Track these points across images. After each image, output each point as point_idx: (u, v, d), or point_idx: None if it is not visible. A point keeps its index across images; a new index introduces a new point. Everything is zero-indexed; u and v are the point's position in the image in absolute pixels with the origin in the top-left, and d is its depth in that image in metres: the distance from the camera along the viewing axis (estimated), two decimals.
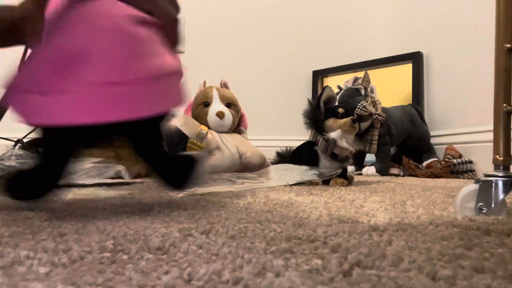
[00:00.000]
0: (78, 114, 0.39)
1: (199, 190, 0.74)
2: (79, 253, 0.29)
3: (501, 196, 0.47)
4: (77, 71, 0.40)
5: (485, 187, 0.48)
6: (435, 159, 1.69)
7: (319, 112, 1.04)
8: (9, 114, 0.47)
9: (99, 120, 0.40)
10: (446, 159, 1.62)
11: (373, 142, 1.24)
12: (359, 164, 1.76)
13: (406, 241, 0.33)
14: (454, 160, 1.57)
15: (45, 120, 0.40)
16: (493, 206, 0.48)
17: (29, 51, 0.50)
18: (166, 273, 0.25)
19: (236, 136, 1.34)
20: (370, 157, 1.76)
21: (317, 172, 1.00)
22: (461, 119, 1.76)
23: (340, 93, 1.69)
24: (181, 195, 0.70)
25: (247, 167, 1.28)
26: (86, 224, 0.41)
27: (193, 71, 0.79)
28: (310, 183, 1.00)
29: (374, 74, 1.87)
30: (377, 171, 1.65)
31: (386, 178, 1.49)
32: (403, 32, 2.21)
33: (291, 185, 0.95)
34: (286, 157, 1.24)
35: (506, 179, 0.47)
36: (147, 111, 0.42)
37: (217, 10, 2.27)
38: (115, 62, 0.42)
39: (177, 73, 0.48)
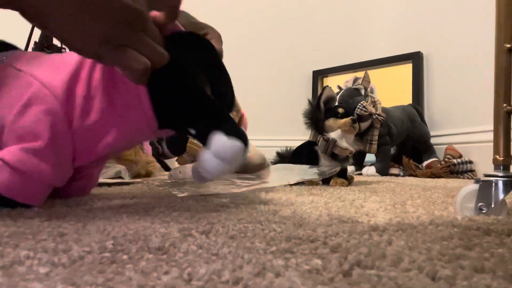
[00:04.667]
0: None
1: (199, 191, 0.74)
2: (79, 253, 0.29)
3: (501, 196, 0.47)
4: None
5: (485, 187, 0.48)
6: (435, 159, 1.69)
7: (319, 112, 1.04)
8: None
9: None
10: (446, 159, 1.62)
11: (373, 142, 1.23)
12: (359, 164, 1.76)
13: (406, 241, 0.33)
14: (454, 160, 1.57)
15: None
16: (493, 206, 0.48)
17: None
18: (166, 273, 0.25)
19: None
20: (370, 157, 1.76)
21: (317, 171, 1.00)
22: (461, 119, 1.76)
23: (340, 93, 1.70)
24: (181, 195, 0.70)
25: (247, 167, 1.27)
26: (86, 224, 0.41)
27: None
28: (310, 183, 1.00)
29: (374, 74, 1.88)
30: (377, 171, 1.65)
31: (386, 178, 1.49)
32: (403, 32, 2.20)
33: (291, 185, 0.95)
34: (286, 157, 1.24)
35: (506, 179, 0.47)
36: None
37: (217, 10, 2.27)
38: None
39: None
